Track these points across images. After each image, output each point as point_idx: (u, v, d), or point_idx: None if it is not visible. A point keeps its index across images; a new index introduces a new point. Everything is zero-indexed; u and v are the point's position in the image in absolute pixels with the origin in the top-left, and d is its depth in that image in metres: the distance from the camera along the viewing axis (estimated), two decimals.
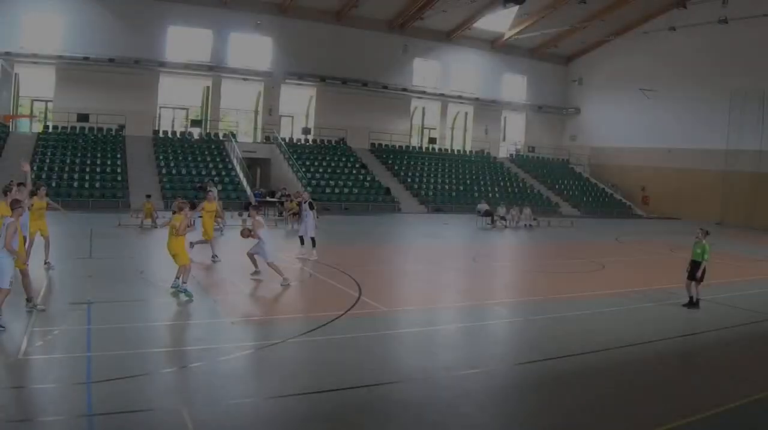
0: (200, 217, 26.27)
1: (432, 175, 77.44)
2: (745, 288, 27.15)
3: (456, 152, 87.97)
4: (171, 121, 73.60)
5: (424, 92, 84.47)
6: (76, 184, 55.31)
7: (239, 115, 78.81)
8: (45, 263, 22.85)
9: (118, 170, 59.55)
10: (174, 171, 62.22)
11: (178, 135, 70.48)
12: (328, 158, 73.11)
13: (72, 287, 20.15)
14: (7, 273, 15.22)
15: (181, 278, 20.08)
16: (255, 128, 77.67)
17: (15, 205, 16.18)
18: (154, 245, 31.68)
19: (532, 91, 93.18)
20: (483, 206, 54.82)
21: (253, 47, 74.08)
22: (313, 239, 29.69)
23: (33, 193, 22.16)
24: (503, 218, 54.29)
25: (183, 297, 19.67)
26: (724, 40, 72.11)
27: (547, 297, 22.35)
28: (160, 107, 72.02)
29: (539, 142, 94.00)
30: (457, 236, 47.76)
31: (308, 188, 62.30)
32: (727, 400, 12.87)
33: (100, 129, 65.99)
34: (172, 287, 20.19)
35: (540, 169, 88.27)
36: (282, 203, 50.62)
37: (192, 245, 24.29)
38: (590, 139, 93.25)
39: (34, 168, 56.88)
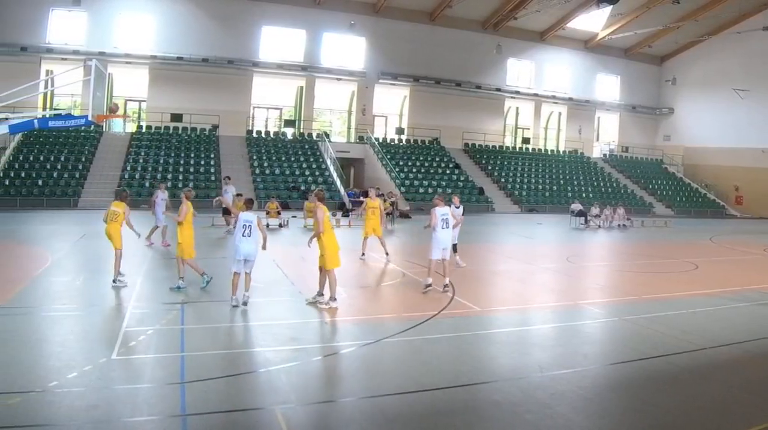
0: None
1: (525, 175, 73.10)
2: None
3: (549, 152, 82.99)
4: (264, 121, 70.68)
5: (517, 92, 79.80)
6: (169, 183, 50.17)
7: (333, 115, 75.46)
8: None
9: (212, 170, 56.82)
10: (267, 171, 59.20)
11: (271, 135, 67.53)
12: (421, 158, 69.41)
13: (166, 287, 19.26)
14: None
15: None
16: (348, 128, 73.99)
17: (250, 203, 18.29)
18: None
19: (626, 91, 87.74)
20: (576, 206, 51.63)
21: (347, 47, 70.56)
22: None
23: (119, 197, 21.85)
24: (597, 217, 52.00)
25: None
26: None
27: (640, 297, 21.05)
28: (254, 107, 69.42)
29: (633, 142, 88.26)
30: (550, 235, 45.54)
31: (401, 188, 59.75)
32: None
33: (193, 129, 63.49)
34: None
35: (633, 169, 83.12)
36: None
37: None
38: (684, 139, 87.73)
39: (127, 167, 55.06)
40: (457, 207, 26.02)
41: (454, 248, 25.02)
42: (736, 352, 14.95)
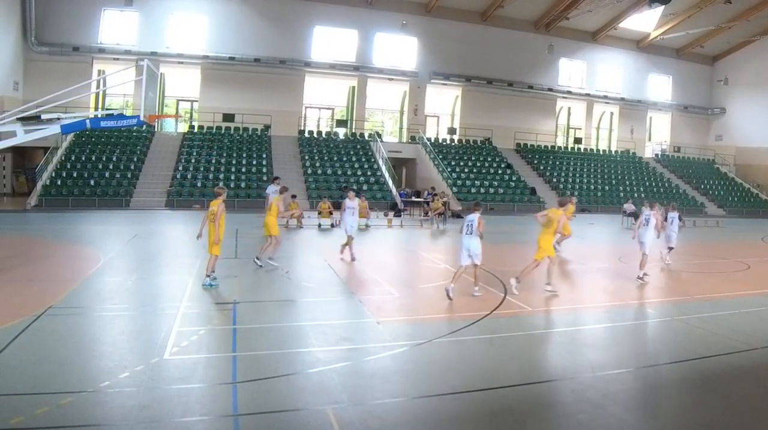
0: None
1: (577, 175, 69.72)
2: None
3: (601, 152, 78.96)
4: (316, 121, 67.47)
5: (569, 92, 76.06)
6: (221, 183, 48.42)
7: (384, 115, 72.03)
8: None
9: (264, 170, 54.03)
10: (319, 171, 56.35)
11: (323, 135, 64.53)
12: (473, 158, 66.12)
13: (218, 287, 18.80)
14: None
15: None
16: (400, 128, 70.57)
17: (477, 207, 19.58)
18: (300, 245, 30.43)
19: (678, 91, 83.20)
20: (629, 206, 49.76)
21: (399, 47, 67.26)
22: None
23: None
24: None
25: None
26: None
27: (692, 297, 20.38)
28: (306, 107, 66.36)
29: (684, 142, 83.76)
30: (602, 235, 43.81)
31: (453, 188, 55.75)
32: None
33: (245, 129, 60.89)
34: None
35: (685, 169, 78.71)
36: (428, 203, 46.38)
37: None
38: (736, 139, 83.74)
39: (179, 168, 52.67)
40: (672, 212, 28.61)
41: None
42: None
